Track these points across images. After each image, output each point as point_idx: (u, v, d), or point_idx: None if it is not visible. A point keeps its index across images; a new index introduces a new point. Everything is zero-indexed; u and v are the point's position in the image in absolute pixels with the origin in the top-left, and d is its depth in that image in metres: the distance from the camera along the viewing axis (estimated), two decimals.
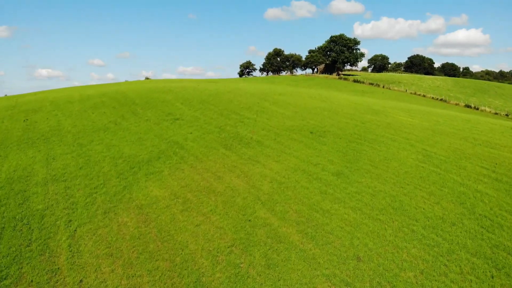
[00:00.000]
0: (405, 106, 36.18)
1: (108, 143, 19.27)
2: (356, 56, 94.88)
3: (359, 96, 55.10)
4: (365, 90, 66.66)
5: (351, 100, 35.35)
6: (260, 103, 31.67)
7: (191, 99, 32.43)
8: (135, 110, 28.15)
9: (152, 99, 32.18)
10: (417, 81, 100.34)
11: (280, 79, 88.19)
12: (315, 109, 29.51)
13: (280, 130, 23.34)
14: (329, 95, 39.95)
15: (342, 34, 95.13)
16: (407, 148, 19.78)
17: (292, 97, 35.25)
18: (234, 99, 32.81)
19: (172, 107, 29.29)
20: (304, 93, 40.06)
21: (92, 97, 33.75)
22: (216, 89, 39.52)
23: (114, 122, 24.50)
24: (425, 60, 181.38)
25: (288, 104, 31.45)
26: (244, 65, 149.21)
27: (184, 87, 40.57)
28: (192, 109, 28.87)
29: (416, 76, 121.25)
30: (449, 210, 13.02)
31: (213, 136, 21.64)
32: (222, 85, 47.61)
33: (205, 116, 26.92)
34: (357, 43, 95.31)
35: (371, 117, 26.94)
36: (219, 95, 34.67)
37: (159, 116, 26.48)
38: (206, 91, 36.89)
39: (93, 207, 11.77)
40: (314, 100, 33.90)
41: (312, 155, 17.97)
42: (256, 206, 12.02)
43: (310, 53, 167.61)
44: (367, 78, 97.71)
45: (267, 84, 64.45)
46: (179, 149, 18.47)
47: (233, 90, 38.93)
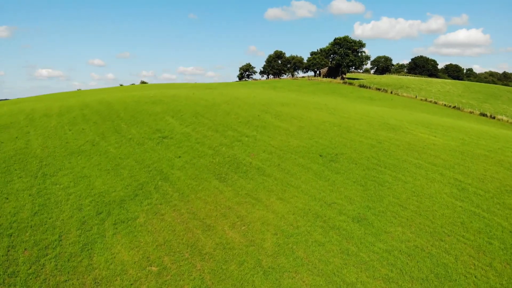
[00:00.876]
0: (422, 118, 33.32)
1: (78, 173, 16.39)
2: (362, 59, 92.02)
3: (367, 104, 52.29)
4: (372, 97, 63.89)
5: (362, 112, 32.49)
6: (260, 115, 28.84)
7: (183, 112, 29.58)
8: (119, 126, 25.29)
9: (139, 112, 29.32)
10: (426, 85, 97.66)
11: (282, 83, 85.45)
12: (323, 124, 26.65)
13: (284, 152, 20.46)
14: (336, 105, 37.12)
15: (346, 36, 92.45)
16: (436, 178, 16.89)
17: (296, 109, 32.41)
18: (232, 112, 29.97)
19: (161, 122, 26.44)
20: (309, 103, 37.23)
21: (73, 109, 30.92)
22: (212, 98, 36.70)
23: (91, 142, 21.63)
24: (428, 62, 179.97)
25: (292, 117, 28.60)
26: (244, 67, 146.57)
27: (176, 96, 37.76)
28: (184, 124, 26.02)
29: (423, 80, 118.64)
30: (507, 277, 10.12)
31: (205, 160, 18.77)
32: (219, 92, 44.86)
33: (198, 133, 24.06)
34: (362, 46, 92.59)
35: (387, 135, 24.08)
36: (215, 107, 31.83)
37: (144, 134, 23.61)
38: (200, 102, 34.05)
39: (35, 284, 8.90)
40: (321, 112, 31.04)
41: (325, 189, 15.08)
42: (256, 280, 9.15)
43: (312, 55, 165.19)
44: (373, 82, 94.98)
45: (268, 90, 61.67)
46: (163, 181, 15.59)
47: (230, 100, 36.12)
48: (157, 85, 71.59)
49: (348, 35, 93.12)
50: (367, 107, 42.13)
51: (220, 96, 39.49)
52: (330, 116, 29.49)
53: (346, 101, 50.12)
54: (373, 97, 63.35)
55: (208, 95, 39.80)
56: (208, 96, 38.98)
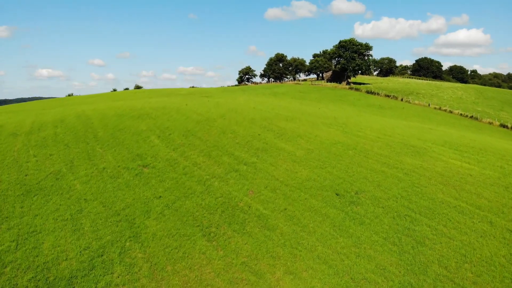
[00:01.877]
0: (446, 135, 29.95)
1: (26, 226, 13.00)
2: (368, 63, 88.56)
3: (378, 113, 48.95)
4: (382, 105, 60.57)
5: (377, 129, 29.13)
6: (261, 134, 25.50)
7: (172, 129, 26.23)
8: (93, 150, 21.91)
9: (120, 130, 25.96)
10: (436, 90, 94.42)
11: (284, 88, 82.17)
12: (334, 146, 23.27)
13: (292, 188, 17.08)
14: (347, 119, 33.76)
15: (352, 39, 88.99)
16: (487, 231, 13.50)
17: (302, 124, 29.06)
18: (228, 129, 26.63)
19: (144, 144, 23.06)
20: (315, 116, 33.88)
21: (46, 126, 27.56)
22: (206, 111, 33.35)
23: (56, 174, 18.25)
24: (433, 63, 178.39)
25: (298, 136, 25.25)
26: (244, 71, 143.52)
27: (167, 108, 34.41)
28: (171, 146, 22.65)
29: (433, 84, 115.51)
30: None
31: (191, 203, 15.38)
32: (216, 102, 41.54)
33: (187, 160, 20.68)
34: (369, 49, 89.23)
35: (413, 162, 20.69)
36: (209, 122, 28.49)
37: (122, 161, 20.22)
38: (193, 116, 30.70)
39: None
40: (330, 130, 27.67)
41: (349, 254, 11.70)
42: None
43: (314, 58, 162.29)
44: (380, 87, 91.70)
45: (269, 98, 58.35)
46: (132, 240, 12.19)
47: (227, 113, 32.78)
48: (150, 92, 68.26)
49: (354, 38, 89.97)
50: (381, 119, 38.75)
51: (216, 107, 36.16)
52: (342, 135, 26.11)
53: (355, 112, 46.77)
54: (383, 105, 59.99)
55: (203, 106, 36.48)
56: (202, 107, 35.65)
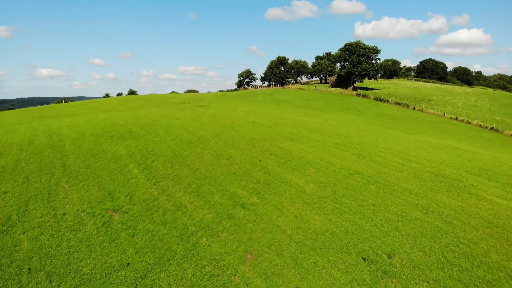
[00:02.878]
0: (478, 159, 26.28)
1: None
2: (376, 68, 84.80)
3: (392, 126, 45.32)
4: (394, 114, 56.96)
5: (399, 151, 25.49)
6: (263, 160, 21.88)
7: (157, 154, 22.60)
8: (57, 185, 18.28)
9: (95, 156, 22.33)
10: (448, 97, 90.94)
11: (286, 95, 78.62)
12: (352, 177, 19.63)
13: (304, 247, 13.41)
14: (361, 137, 30.12)
15: (359, 42, 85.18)
16: None
17: (310, 145, 25.45)
18: (223, 153, 23.01)
19: (119, 176, 19.41)
20: (325, 133, 30.25)
21: (10, 150, 23.94)
22: (199, 128, 29.76)
23: (2, 224, 14.62)
24: (437, 65, 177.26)
25: (306, 163, 21.63)
26: (243, 74, 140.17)
27: (154, 123, 30.80)
28: (152, 179, 19.01)
29: (443, 88, 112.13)
30: None
31: (168, 277, 11.71)
32: (211, 115, 37.94)
33: (169, 199, 17.05)
34: (377, 52, 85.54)
35: (451, 202, 17.06)
36: (201, 144, 24.88)
37: (88, 202, 16.58)
38: (183, 135, 27.10)
39: None
40: (345, 154, 24.03)
41: None
42: None
43: (317, 60, 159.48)
44: (389, 94, 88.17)
45: (270, 107, 54.76)
46: None
47: (223, 129, 29.19)
48: (142, 99, 64.63)
49: (360, 40, 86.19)
50: (397, 135, 35.08)
51: (211, 122, 32.56)
52: (359, 161, 22.45)
53: (367, 124, 43.13)
54: (395, 115, 56.38)
55: (196, 121, 32.88)
56: (195, 123, 32.05)
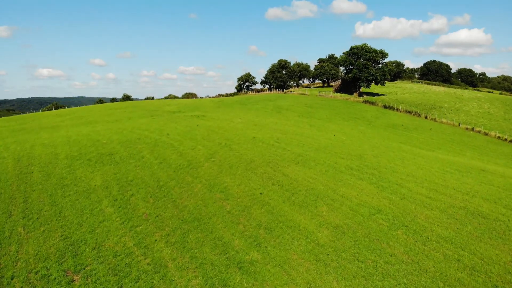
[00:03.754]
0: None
1: None
2: (384, 72, 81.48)
3: (406, 140, 42.02)
4: (406, 124, 53.72)
5: (424, 179, 22.23)
6: (264, 193, 18.65)
7: (138, 184, 19.37)
8: (12, 231, 15.11)
9: (65, 187, 19.11)
10: (460, 103, 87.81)
11: (288, 101, 75.45)
12: (373, 218, 16.37)
13: None
14: (378, 158, 26.86)
15: (365, 45, 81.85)
16: None
17: (319, 171, 22.22)
18: (217, 183, 19.77)
19: (89, 217, 16.16)
20: (335, 154, 27.01)
21: None
22: (192, 147, 26.54)
23: None
24: (442, 67, 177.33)
25: (317, 196, 18.39)
26: (243, 78, 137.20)
27: (141, 141, 27.57)
28: (128, 223, 15.75)
29: (452, 93, 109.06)
30: None
31: None
32: (207, 128, 34.73)
33: (146, 254, 13.76)
34: (384, 56, 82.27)
35: (503, 257, 13.76)
36: (192, 169, 21.66)
37: (45, 258, 13.37)
38: (172, 157, 23.87)
39: None
40: (361, 183, 20.77)
41: None
42: None
43: (320, 63, 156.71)
44: (397, 100, 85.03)
45: (272, 117, 51.52)
46: None
47: (219, 149, 25.99)
48: (134, 107, 61.42)
49: (366, 43, 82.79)
50: (415, 152, 31.78)
51: (205, 139, 29.34)
52: (379, 194, 19.17)
53: (380, 138, 39.85)
54: (407, 125, 53.15)
55: (189, 137, 29.67)
56: (187, 140, 28.83)
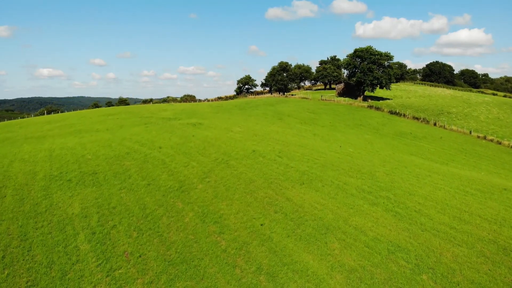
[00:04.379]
0: None
1: None
2: (390, 76, 79.23)
3: (416, 151, 39.83)
4: (415, 133, 51.54)
5: (443, 202, 20.05)
6: (266, 223, 16.47)
7: (121, 213, 17.23)
8: None
9: (38, 217, 17.01)
10: (468, 108, 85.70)
11: (289, 106, 73.36)
12: (393, 258, 14.21)
13: None
14: (390, 176, 24.70)
15: (369, 47, 79.64)
16: None
17: (327, 194, 20.09)
18: (211, 211, 17.64)
19: (61, 256, 14.01)
20: (343, 171, 24.86)
21: None
22: (185, 164, 24.41)
23: None
24: (445, 68, 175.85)
25: (326, 229, 16.29)
26: (243, 80, 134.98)
27: (129, 157, 25.42)
28: (106, 264, 13.63)
29: (459, 97, 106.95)
30: None
31: None
32: (203, 139, 32.59)
33: None
34: (390, 59, 79.96)
35: None
36: (182, 194, 19.53)
37: None
38: (162, 177, 21.74)
39: None
40: (375, 210, 18.62)
41: None
42: None
43: (321, 65, 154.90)
44: (403, 104, 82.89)
45: (273, 125, 49.35)
46: None
47: (215, 166, 23.88)
48: (128, 112, 59.21)
49: (371, 45, 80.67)
50: (430, 166, 29.58)
51: (200, 154, 27.21)
52: (397, 224, 16.99)
53: (388, 148, 37.66)
54: (416, 134, 50.99)
55: (182, 151, 27.55)
56: (180, 155, 26.70)
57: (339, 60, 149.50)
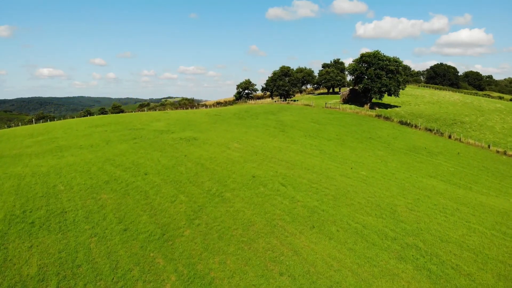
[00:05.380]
0: None
1: None
2: (398, 83, 75.77)
3: (434, 170, 36.49)
4: (430, 147, 48.19)
5: (483, 251, 16.75)
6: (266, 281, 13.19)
7: (85, 276, 13.96)
8: None
9: None
10: (481, 116, 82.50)
11: (292, 114, 70.17)
12: None
13: None
14: (414, 213, 21.42)
15: (377, 52, 76.16)
16: None
17: (343, 242, 16.91)
18: (199, 273, 14.53)
19: None
20: (358, 205, 21.62)
21: None
22: (171, 197, 21.25)
23: None
24: (449, 70, 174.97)
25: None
26: (242, 85, 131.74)
27: (107, 188, 22.21)
28: None
29: (469, 103, 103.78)
30: None
31: None
32: (197, 159, 29.38)
33: None
34: (399, 64, 76.52)
35: None
36: (164, 247, 16.39)
37: None
38: (140, 221, 18.61)
39: None
40: (405, 269, 15.42)
41: None
42: None
43: (324, 68, 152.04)
44: (412, 112, 79.62)
45: (274, 140, 46.10)
46: None
47: (209, 200, 20.67)
48: (117, 123, 55.93)
49: (379, 50, 77.06)
50: (454, 194, 26.22)
51: (191, 183, 24.03)
52: None
53: (404, 168, 34.33)
54: (431, 149, 47.65)
55: (171, 179, 24.38)
56: (168, 184, 23.50)
57: (343, 64, 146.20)
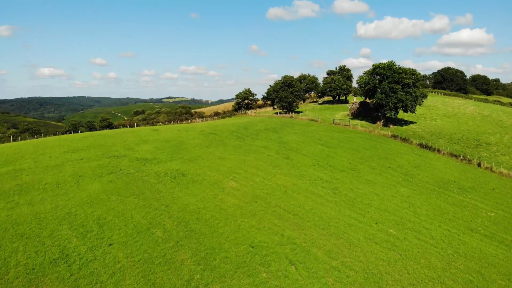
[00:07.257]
0: None
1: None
2: (416, 97, 69.28)
3: (466, 212, 30.62)
4: (459, 181, 42.20)
5: None
6: None
7: None
8: None
9: None
10: (506, 135, 76.84)
11: (297, 134, 64.46)
12: None
13: None
14: None
15: (391, 63, 69.90)
16: None
17: None
18: None
19: None
20: None
21: None
22: (155, 278, 15.28)
23: None
24: (457, 74, 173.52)
25: None
26: (242, 95, 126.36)
27: (46, 280, 16.29)
28: None
29: (488, 117, 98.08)
30: None
31: None
32: (180, 212, 23.70)
33: None
34: (417, 78, 70.11)
35: None
36: None
37: None
38: None
39: None
40: None
41: None
42: None
43: (329, 76, 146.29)
44: (431, 131, 73.79)
45: (278, 172, 40.25)
46: None
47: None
48: (99, 146, 50.06)
49: (393, 61, 70.67)
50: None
51: (167, 265, 18.25)
52: None
53: (438, 219, 28.46)
54: (461, 182, 41.73)
55: (143, 250, 18.57)
56: (137, 262, 17.62)
57: (349, 71, 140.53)
